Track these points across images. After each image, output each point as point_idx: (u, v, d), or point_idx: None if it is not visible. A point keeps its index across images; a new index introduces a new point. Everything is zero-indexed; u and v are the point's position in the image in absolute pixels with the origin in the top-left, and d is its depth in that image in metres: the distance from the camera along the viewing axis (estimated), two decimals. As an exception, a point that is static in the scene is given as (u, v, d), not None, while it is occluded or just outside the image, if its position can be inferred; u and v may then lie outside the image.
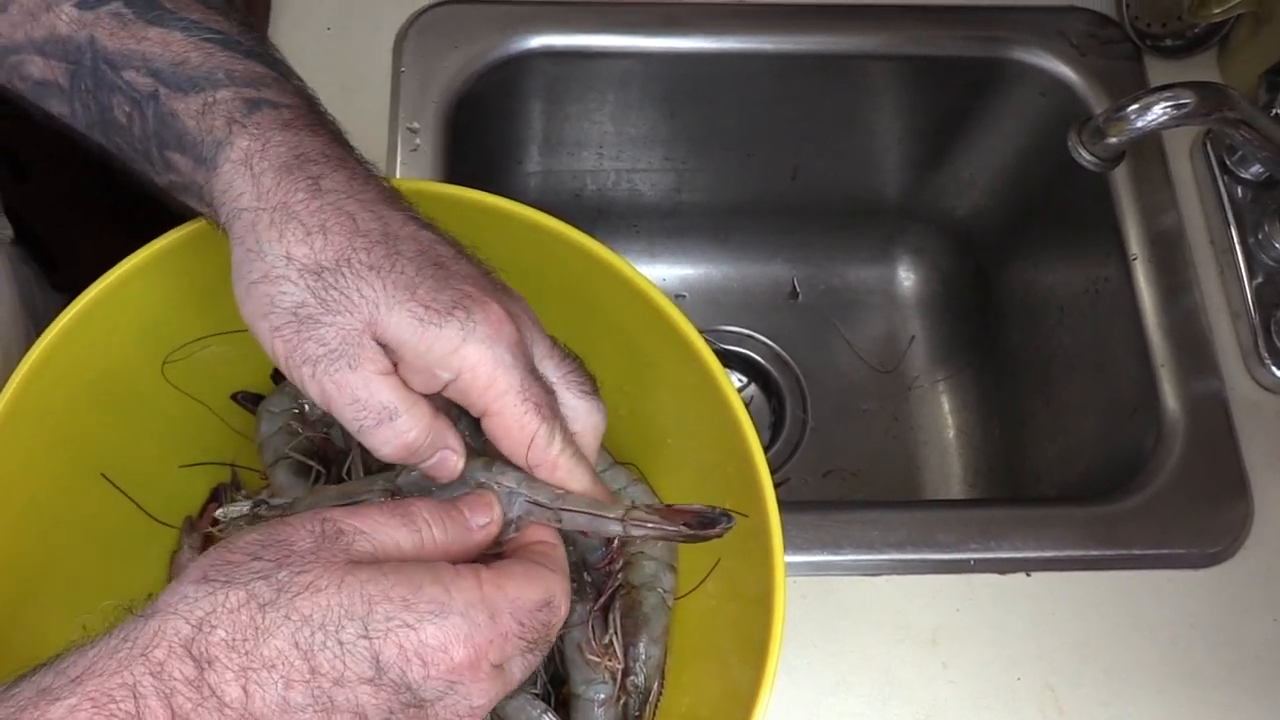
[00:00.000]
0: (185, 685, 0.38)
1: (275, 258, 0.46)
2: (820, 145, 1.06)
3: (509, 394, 0.47)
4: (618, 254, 0.59)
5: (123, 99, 0.49)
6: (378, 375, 0.46)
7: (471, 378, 0.47)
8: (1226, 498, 0.77)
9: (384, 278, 0.46)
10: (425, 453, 0.48)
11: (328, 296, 0.45)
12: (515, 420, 0.47)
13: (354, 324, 0.45)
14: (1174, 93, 0.68)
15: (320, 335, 0.45)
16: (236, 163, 0.47)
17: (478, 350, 0.46)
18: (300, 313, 0.45)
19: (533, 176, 1.06)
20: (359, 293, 0.45)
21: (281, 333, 0.46)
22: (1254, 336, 0.81)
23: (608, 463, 0.66)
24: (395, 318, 0.45)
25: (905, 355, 1.12)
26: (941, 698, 0.71)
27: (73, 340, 0.57)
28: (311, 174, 0.47)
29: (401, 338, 0.46)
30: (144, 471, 0.65)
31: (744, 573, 0.58)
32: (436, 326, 0.46)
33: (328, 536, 0.42)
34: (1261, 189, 0.85)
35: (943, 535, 0.75)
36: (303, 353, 0.45)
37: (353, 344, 0.45)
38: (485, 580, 0.43)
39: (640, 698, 0.61)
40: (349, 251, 0.46)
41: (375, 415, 0.46)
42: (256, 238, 0.46)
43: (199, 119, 0.48)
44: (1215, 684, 0.72)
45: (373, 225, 0.47)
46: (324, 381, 0.46)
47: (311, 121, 0.49)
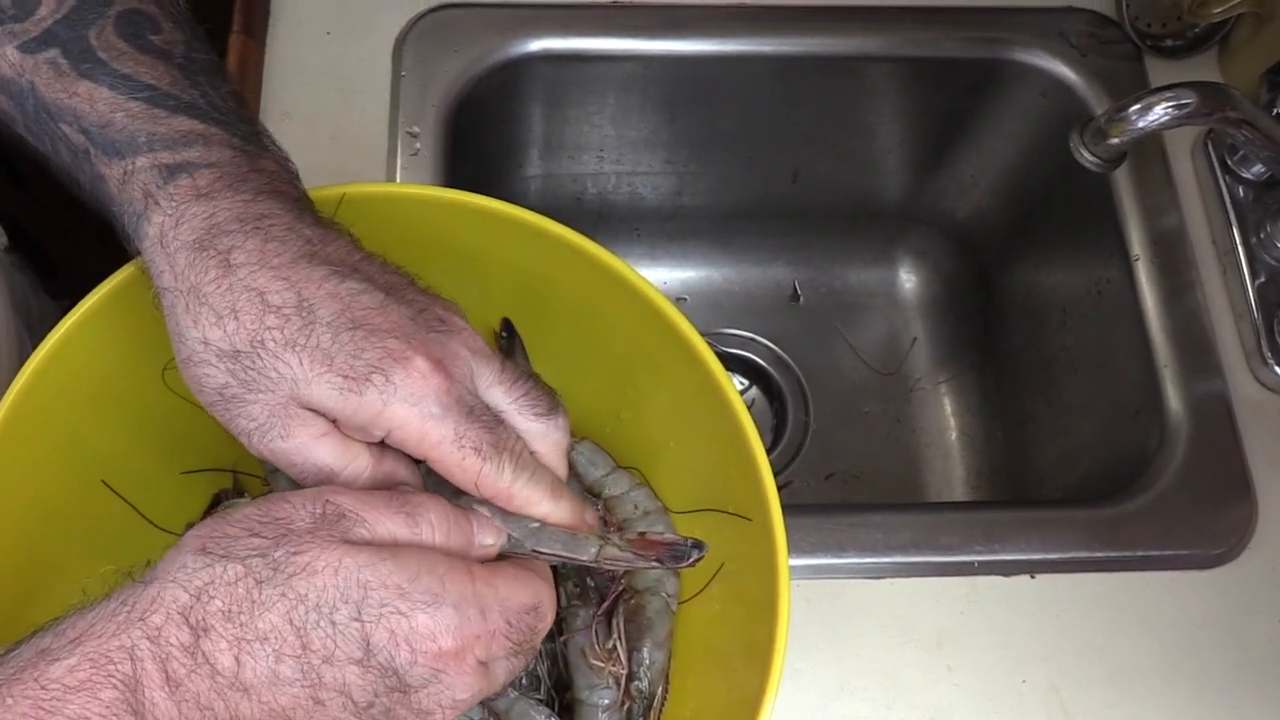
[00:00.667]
0: (180, 651, 0.39)
1: (194, 342, 0.46)
2: (821, 148, 1.06)
3: (442, 444, 0.47)
4: (619, 257, 0.59)
5: (64, 147, 0.50)
6: (313, 439, 0.47)
7: (402, 434, 0.47)
8: (1230, 498, 0.77)
9: (299, 353, 0.46)
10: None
11: (247, 377, 0.46)
12: (455, 465, 0.48)
13: (277, 399, 0.46)
14: (1175, 93, 0.68)
15: (248, 412, 0.46)
16: (154, 240, 0.47)
17: (402, 409, 0.46)
18: (225, 393, 0.47)
19: (533, 180, 1.06)
20: (276, 371, 0.46)
21: (215, 408, 0.47)
22: (1257, 336, 0.81)
23: (610, 467, 0.66)
24: (315, 390, 0.46)
25: (907, 357, 1.12)
26: (946, 701, 0.71)
27: (73, 347, 0.57)
28: (221, 249, 0.46)
29: (326, 405, 0.46)
30: (145, 478, 0.65)
31: (748, 577, 0.57)
32: (356, 395, 0.46)
33: (327, 518, 0.42)
34: (1263, 189, 0.85)
35: (946, 538, 0.75)
36: (236, 426, 0.47)
37: (280, 416, 0.46)
38: (477, 576, 0.44)
39: (644, 703, 0.61)
40: (261, 332, 0.46)
41: (314, 477, 0.48)
42: (176, 321, 0.47)
43: (120, 188, 0.48)
44: (1221, 685, 0.72)
45: (286, 297, 0.46)
46: (261, 449, 0.47)
47: (233, 181, 0.48)
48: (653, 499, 0.65)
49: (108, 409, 0.62)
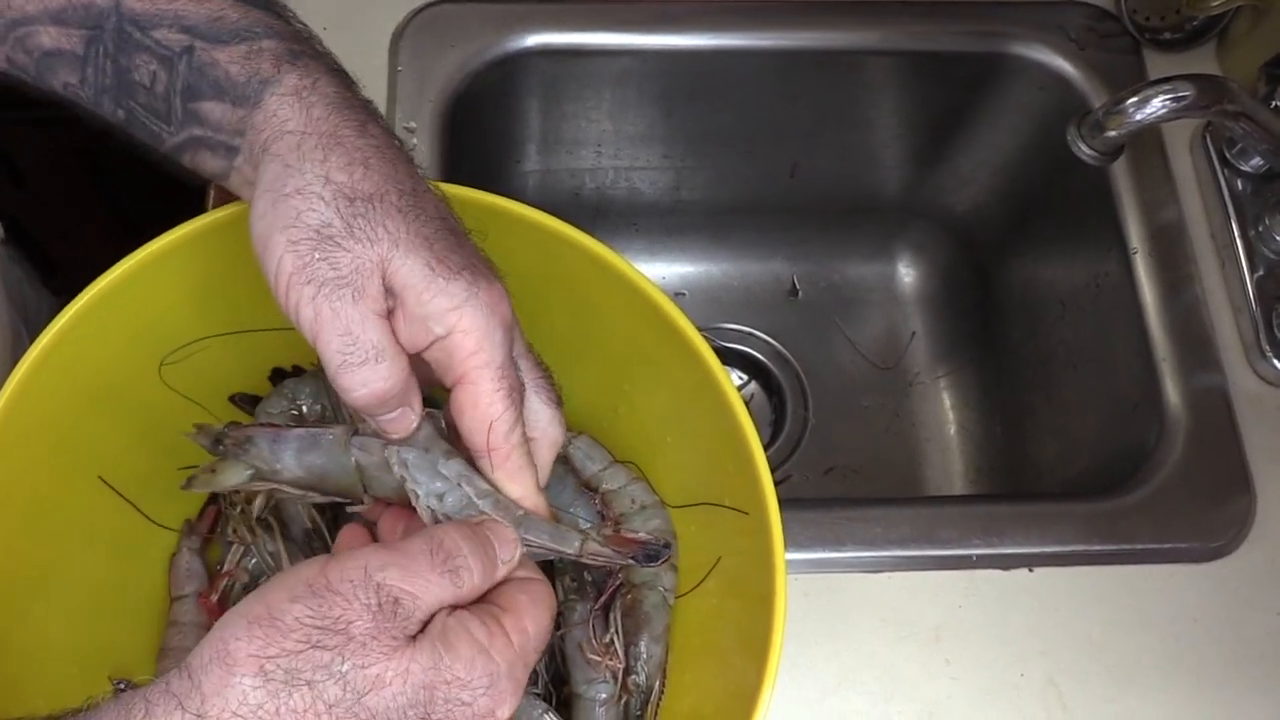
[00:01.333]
0: None
1: (313, 176, 0.46)
2: (819, 142, 1.06)
3: (489, 367, 0.48)
4: (617, 252, 0.59)
5: (149, 57, 0.50)
6: (375, 314, 0.47)
7: (461, 339, 0.47)
8: (1229, 492, 0.77)
9: (409, 223, 0.47)
10: (392, 404, 0.49)
11: (355, 224, 0.46)
12: (486, 395, 0.48)
13: (371, 256, 0.46)
14: (1173, 85, 0.68)
15: (335, 259, 0.46)
16: (285, 94, 0.48)
17: (474, 315, 0.47)
18: (324, 231, 0.46)
19: (531, 175, 1.06)
20: (384, 227, 0.46)
21: (298, 247, 0.46)
22: (1255, 330, 0.81)
23: (607, 461, 0.66)
24: (410, 261, 0.46)
25: (906, 352, 1.12)
26: (944, 694, 0.71)
27: (69, 342, 0.57)
28: (359, 117, 0.49)
29: (409, 281, 0.46)
30: (142, 474, 0.65)
31: (745, 570, 0.57)
32: (445, 280, 0.47)
33: (384, 611, 0.41)
34: (1262, 182, 0.85)
35: (945, 531, 0.75)
36: (311, 271, 0.46)
37: (363, 275, 0.46)
38: (511, 628, 0.44)
39: (642, 697, 0.61)
40: (386, 188, 0.47)
41: (363, 353, 0.47)
42: (300, 155, 0.47)
43: (243, 63, 0.49)
44: (1219, 678, 0.72)
45: (406, 176, 0.48)
46: (322, 306, 0.46)
47: (349, 81, 0.51)
48: (650, 493, 0.65)
49: (105, 404, 0.62)
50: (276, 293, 0.47)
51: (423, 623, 0.42)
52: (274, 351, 0.68)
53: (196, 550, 0.68)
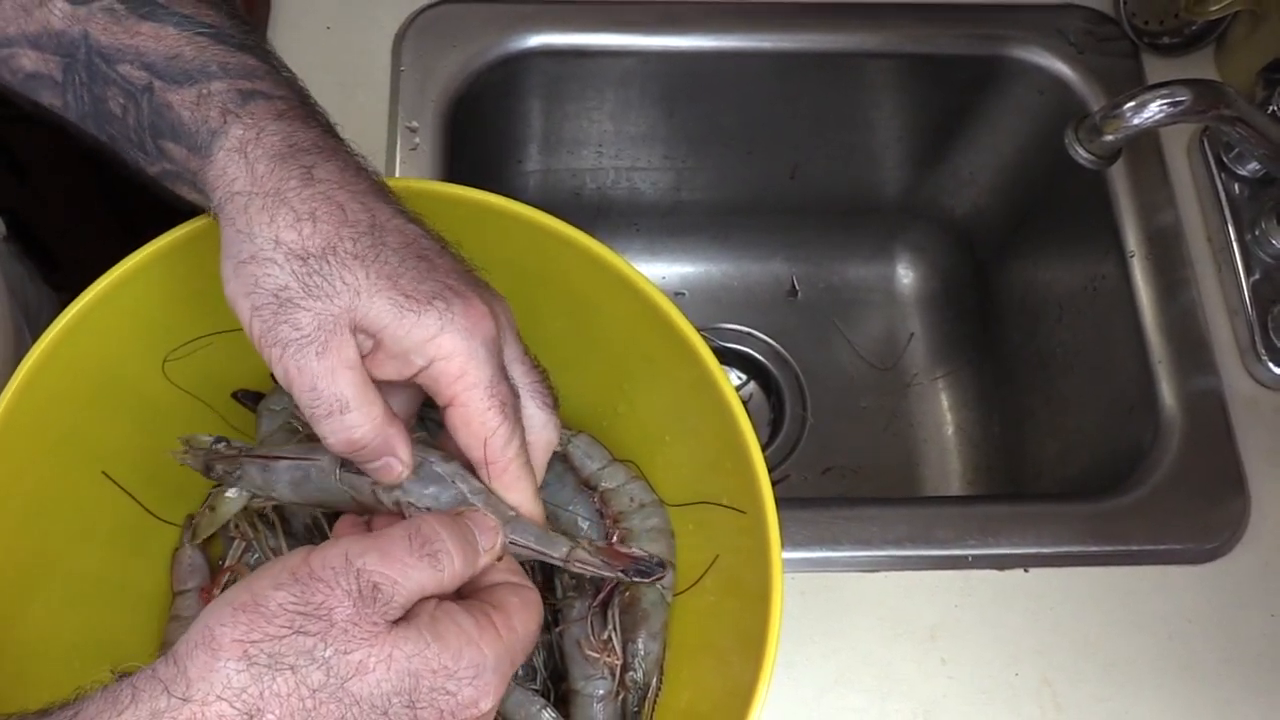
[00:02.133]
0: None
1: (264, 240, 0.47)
2: (819, 143, 1.06)
3: (477, 388, 0.48)
4: (616, 252, 0.59)
5: (117, 91, 0.50)
6: (342, 366, 0.47)
7: (444, 366, 0.48)
8: (1224, 493, 0.77)
9: (367, 266, 0.47)
10: (371, 454, 0.50)
11: (310, 282, 0.46)
12: (478, 414, 0.49)
13: (332, 310, 0.46)
14: (1170, 90, 0.69)
15: (296, 319, 0.46)
16: (231, 150, 0.48)
17: (453, 340, 0.47)
18: (281, 295, 0.46)
19: (532, 175, 1.06)
20: (341, 280, 0.46)
21: (260, 313, 0.47)
22: (1251, 333, 0.82)
23: (606, 460, 0.66)
24: (376, 304, 0.47)
25: (904, 353, 1.12)
26: (940, 693, 0.71)
27: (73, 339, 0.57)
28: (305, 163, 0.48)
29: (381, 323, 0.47)
30: (145, 469, 0.65)
31: (742, 568, 0.58)
32: (415, 314, 0.47)
33: (364, 597, 0.41)
34: (1259, 186, 0.85)
35: (941, 531, 0.75)
36: (275, 334, 0.47)
37: (326, 330, 0.46)
38: (500, 625, 0.45)
39: (639, 693, 0.61)
40: (335, 240, 0.47)
41: (327, 406, 0.47)
42: (248, 220, 0.47)
43: (194, 109, 0.49)
44: (1213, 679, 0.72)
45: (361, 216, 0.48)
46: (288, 364, 0.47)
47: (304, 114, 0.50)
48: (649, 492, 0.65)
49: (108, 400, 0.62)
50: (256, 348, 0.48)
51: (404, 608, 0.43)
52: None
53: (198, 545, 0.69)
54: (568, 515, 0.65)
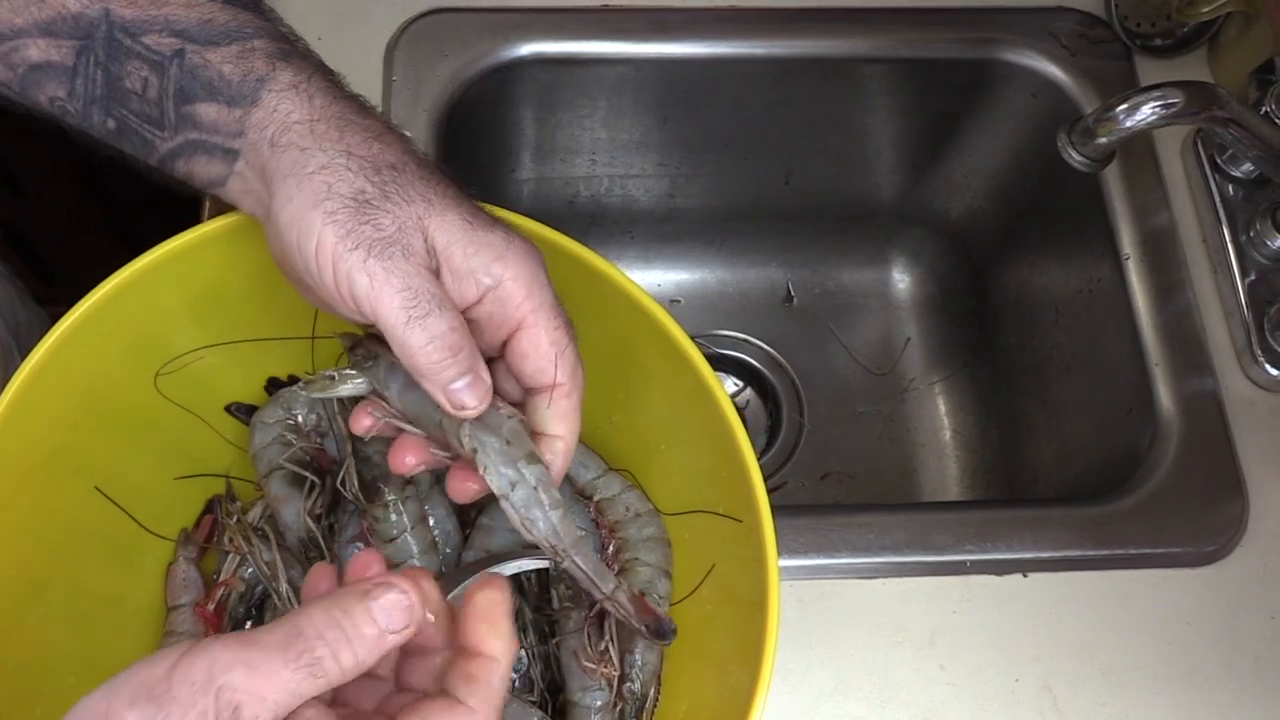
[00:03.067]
0: None
1: (336, 152, 0.48)
2: (813, 149, 1.06)
3: (544, 308, 0.49)
4: (610, 261, 0.59)
5: (139, 64, 0.50)
6: (426, 269, 0.47)
7: (513, 286, 0.48)
8: (1222, 496, 0.77)
9: (434, 186, 0.48)
10: (464, 361, 0.48)
11: (388, 189, 0.47)
12: (548, 333, 0.49)
13: (411, 215, 0.47)
14: (1162, 92, 0.68)
15: (378, 221, 0.46)
16: (283, 90, 0.49)
17: (519, 262, 0.48)
18: (360, 198, 0.47)
19: (526, 184, 1.06)
20: (415, 189, 0.47)
21: (336, 216, 0.46)
22: (1247, 334, 0.81)
23: (601, 469, 0.66)
24: (448, 218, 0.47)
25: (901, 357, 1.12)
26: (939, 699, 0.71)
27: (66, 352, 0.57)
28: (358, 104, 0.50)
29: (452, 237, 0.47)
30: (139, 484, 0.65)
31: (738, 577, 0.58)
32: (484, 232, 0.48)
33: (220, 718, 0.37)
34: (1253, 187, 0.85)
35: (939, 537, 0.75)
36: (358, 235, 0.46)
37: (408, 233, 0.47)
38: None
39: (637, 704, 0.61)
40: (405, 158, 0.48)
41: (426, 304, 0.47)
42: (315, 138, 0.48)
43: (237, 62, 0.50)
44: (1213, 682, 0.72)
45: (417, 151, 0.50)
46: (375, 267, 0.46)
47: (339, 77, 0.52)
48: (644, 501, 0.65)
49: (101, 415, 0.62)
50: (321, 272, 0.47)
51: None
52: (270, 361, 0.68)
53: (193, 560, 0.68)
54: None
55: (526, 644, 0.64)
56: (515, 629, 0.44)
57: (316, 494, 0.66)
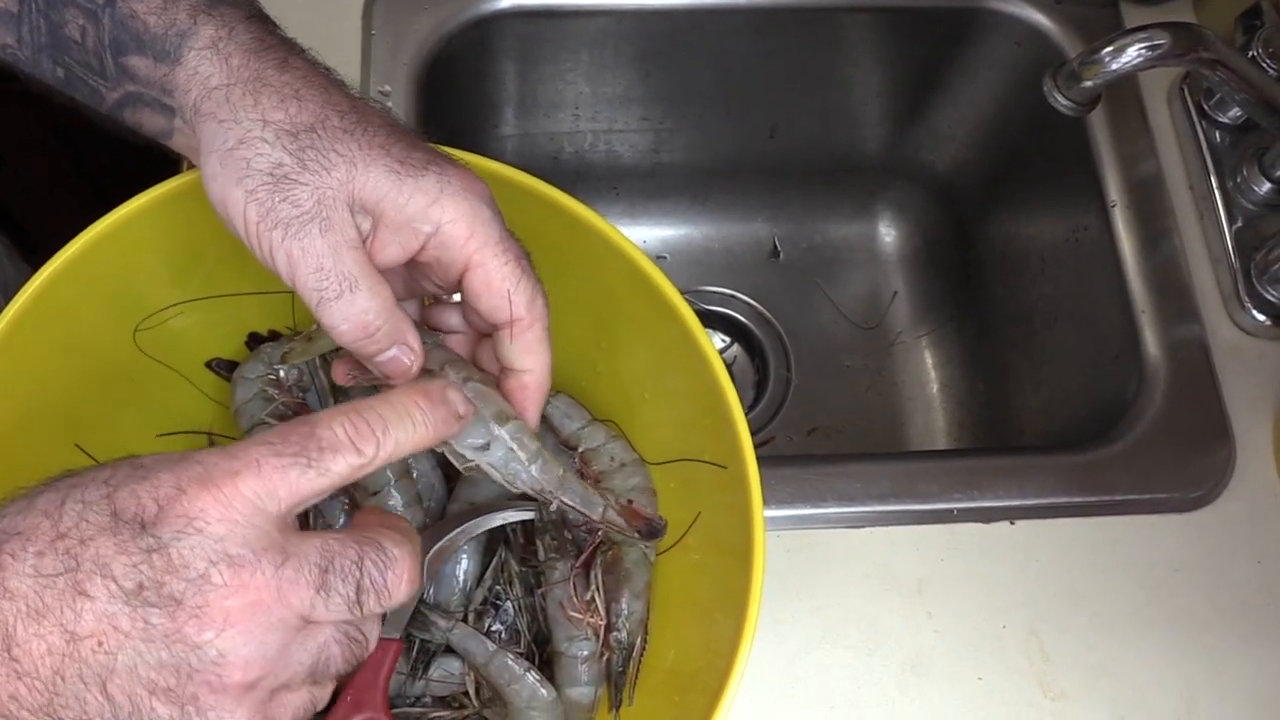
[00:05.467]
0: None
1: (251, 123, 0.46)
2: (798, 102, 1.05)
3: (489, 245, 0.48)
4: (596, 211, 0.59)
5: (76, 12, 0.49)
6: (346, 245, 0.46)
7: (452, 229, 0.47)
8: (1209, 441, 0.77)
9: (358, 138, 0.46)
10: (382, 340, 0.48)
11: (305, 156, 0.46)
12: (497, 270, 0.48)
13: (330, 184, 0.46)
14: (1148, 34, 0.68)
15: (295, 196, 0.46)
16: (203, 49, 0.48)
17: (455, 202, 0.47)
18: (277, 172, 0.46)
19: (509, 140, 1.05)
20: (335, 152, 0.46)
21: (256, 195, 0.46)
22: (1234, 281, 0.81)
23: (586, 420, 0.65)
24: (373, 173, 0.46)
25: (888, 311, 1.12)
26: (927, 646, 0.71)
27: (42, 308, 0.56)
28: (279, 55, 0.48)
29: (381, 192, 0.46)
30: (120, 442, 0.64)
31: (724, 525, 0.57)
32: (414, 179, 0.46)
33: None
34: (1239, 133, 0.85)
35: (925, 486, 0.75)
36: (275, 215, 0.46)
37: (327, 206, 0.46)
38: None
39: (624, 653, 0.61)
40: (324, 115, 0.47)
41: (337, 285, 0.46)
42: (231, 108, 0.47)
43: (160, 14, 0.48)
44: (1200, 626, 0.72)
45: (341, 96, 0.48)
46: (292, 246, 0.46)
47: (269, 21, 0.51)
48: (629, 451, 0.65)
49: (80, 372, 0.61)
50: (251, 246, 0.47)
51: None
52: (250, 316, 0.67)
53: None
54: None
55: (513, 596, 0.64)
56: None
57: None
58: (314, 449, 0.40)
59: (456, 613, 0.63)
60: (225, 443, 0.69)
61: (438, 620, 0.62)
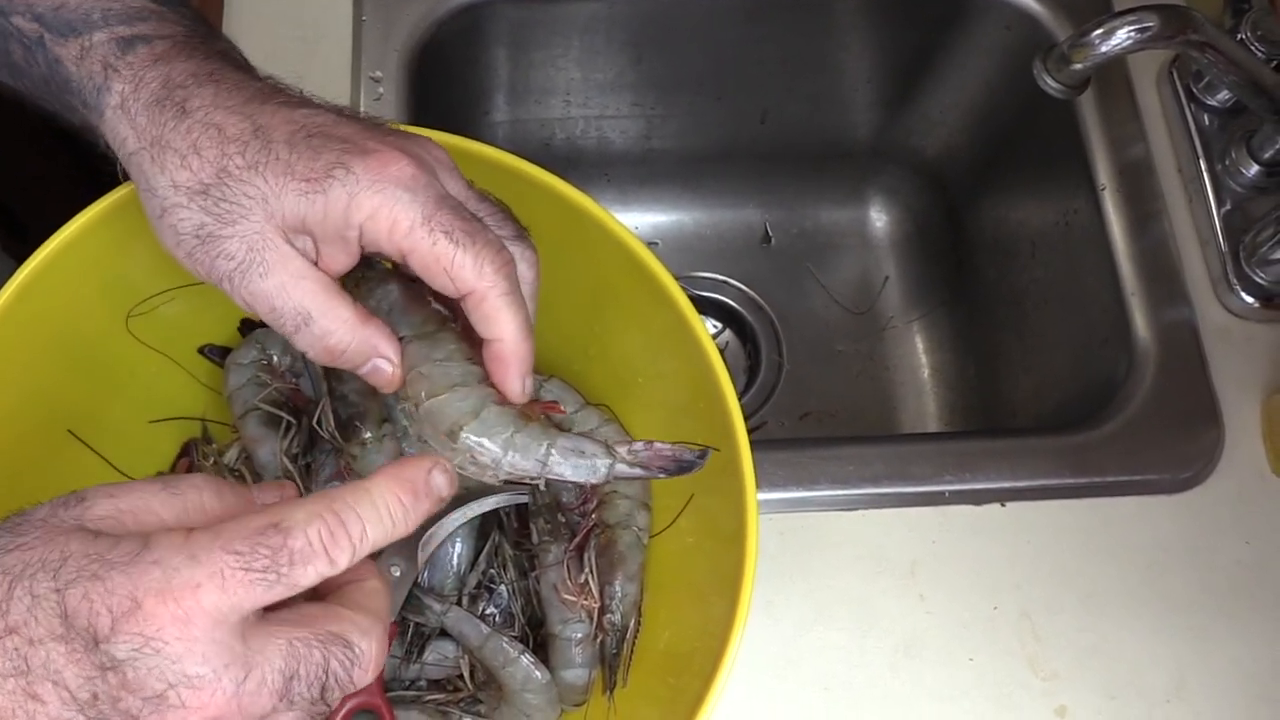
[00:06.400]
0: None
1: (164, 189, 0.47)
2: (789, 87, 1.05)
3: (414, 230, 0.46)
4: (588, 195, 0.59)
5: (16, 44, 0.50)
6: (292, 279, 0.47)
7: (373, 225, 0.46)
8: (1198, 423, 0.78)
9: (262, 172, 0.46)
10: (355, 358, 0.49)
11: (219, 210, 0.46)
12: (428, 251, 0.47)
13: (252, 229, 0.46)
14: (1138, 16, 0.68)
15: (226, 250, 0.46)
16: (115, 108, 0.48)
17: (368, 198, 0.46)
18: (202, 233, 0.46)
19: (500, 126, 1.05)
20: (245, 195, 0.46)
21: (194, 255, 0.47)
22: (1223, 263, 0.82)
23: (579, 403, 0.66)
24: (286, 201, 0.46)
25: (879, 296, 1.12)
26: (920, 628, 0.72)
27: (32, 295, 0.56)
28: (177, 100, 0.47)
29: (300, 214, 0.46)
30: (113, 428, 0.65)
31: (717, 508, 0.58)
32: (321, 193, 0.46)
33: (67, 505, 0.38)
34: (1228, 116, 0.85)
35: (917, 468, 0.75)
36: (216, 270, 0.47)
37: (258, 250, 0.46)
38: (199, 530, 0.38)
39: (618, 635, 0.61)
40: (223, 161, 0.46)
41: (292, 321, 0.47)
42: (145, 176, 0.47)
43: (78, 64, 0.49)
44: (1190, 607, 0.73)
45: (241, 127, 0.47)
46: (242, 293, 0.47)
47: (187, 49, 0.49)
48: (622, 434, 0.65)
49: (73, 360, 0.61)
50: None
51: (115, 520, 0.38)
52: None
53: (170, 503, 0.68)
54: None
55: (506, 579, 0.65)
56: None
57: (293, 434, 0.65)
58: (284, 562, 0.37)
59: (451, 596, 0.63)
60: (218, 429, 0.70)
61: (432, 604, 0.62)
